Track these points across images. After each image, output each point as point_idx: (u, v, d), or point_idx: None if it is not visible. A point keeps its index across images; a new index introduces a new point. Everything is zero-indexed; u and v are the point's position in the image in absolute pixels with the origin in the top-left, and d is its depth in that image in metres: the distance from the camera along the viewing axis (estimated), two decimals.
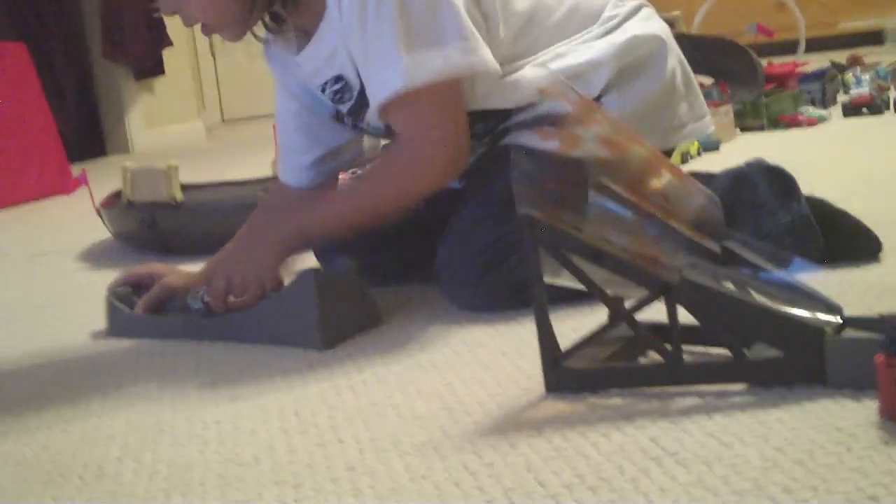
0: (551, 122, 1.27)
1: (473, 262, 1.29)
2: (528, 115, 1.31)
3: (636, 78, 1.37)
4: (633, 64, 1.36)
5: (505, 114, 1.35)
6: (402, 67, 1.23)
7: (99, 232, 2.23)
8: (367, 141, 1.52)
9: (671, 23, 3.15)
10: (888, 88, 2.77)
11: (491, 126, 1.37)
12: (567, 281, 0.98)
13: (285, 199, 1.51)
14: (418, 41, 1.24)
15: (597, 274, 0.96)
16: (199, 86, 5.45)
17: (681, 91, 1.42)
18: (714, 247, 0.99)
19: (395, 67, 1.24)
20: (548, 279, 0.98)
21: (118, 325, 1.43)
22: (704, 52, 2.76)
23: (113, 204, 2.12)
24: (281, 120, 1.50)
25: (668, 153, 1.46)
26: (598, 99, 1.34)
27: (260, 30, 1.39)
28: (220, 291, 1.33)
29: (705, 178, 1.32)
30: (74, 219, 2.67)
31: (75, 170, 3.33)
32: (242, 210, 1.91)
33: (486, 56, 1.27)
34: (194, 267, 1.54)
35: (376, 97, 1.27)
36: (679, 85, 1.42)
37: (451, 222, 1.34)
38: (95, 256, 2.09)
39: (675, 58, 1.42)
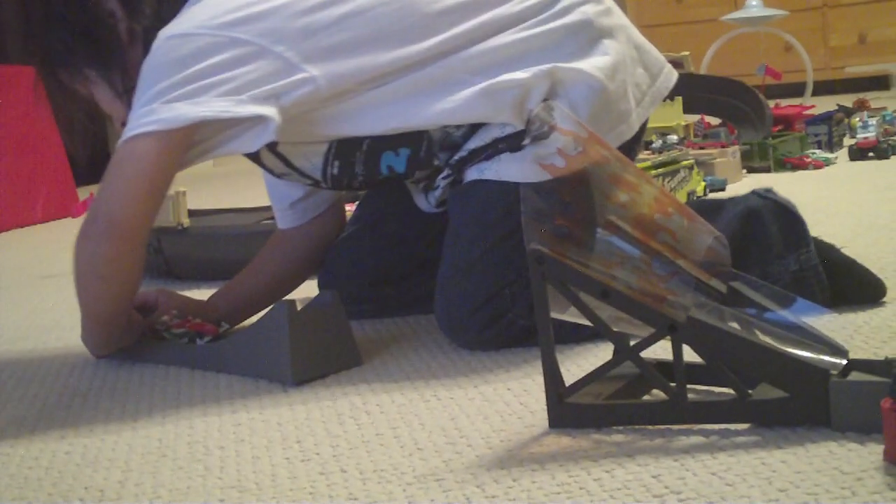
0: (510, 146, 1.27)
1: (473, 317, 1.27)
2: (483, 142, 1.29)
3: (578, 84, 1.27)
4: (566, 78, 1.27)
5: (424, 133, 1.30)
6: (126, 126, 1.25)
7: None
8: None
9: (679, 63, 3.17)
10: (894, 133, 2.78)
11: (423, 155, 1.32)
12: (573, 317, 0.99)
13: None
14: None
15: (603, 311, 0.97)
16: None
17: (633, 58, 1.33)
18: (721, 287, 0.99)
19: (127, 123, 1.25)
20: (553, 315, 0.98)
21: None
22: (712, 93, 2.78)
23: None
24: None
25: (642, 131, 1.38)
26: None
27: None
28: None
29: (713, 207, 1.31)
30: None
31: (82, 193, 3.34)
32: (247, 237, 1.93)
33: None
34: (199, 293, 1.54)
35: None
36: (630, 56, 1.32)
37: (440, 272, 1.31)
38: None
39: (612, 34, 1.32)
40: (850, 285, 1.30)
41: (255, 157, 1.38)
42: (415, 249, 1.48)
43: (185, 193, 2.01)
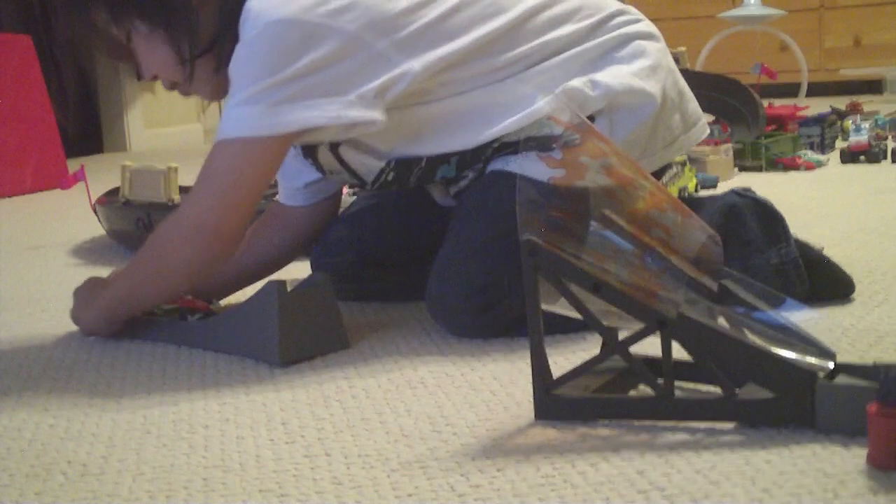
0: (540, 145, 1.28)
1: (467, 303, 1.27)
2: (516, 137, 1.30)
3: (627, 110, 1.32)
4: (622, 103, 1.32)
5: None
6: (224, 118, 1.24)
7: (93, 228, 2.22)
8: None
9: (675, 58, 3.17)
10: (886, 137, 2.79)
11: (468, 156, 1.34)
12: (563, 309, 0.99)
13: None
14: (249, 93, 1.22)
15: (594, 304, 0.97)
16: None
17: (674, 103, 1.38)
18: (712, 284, 0.99)
19: (225, 115, 1.24)
20: (544, 306, 0.98)
21: None
22: (707, 90, 2.77)
23: (109, 202, 2.12)
24: None
25: (664, 170, 1.45)
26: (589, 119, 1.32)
27: None
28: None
29: (693, 204, 1.32)
30: (69, 214, 2.66)
31: (71, 165, 3.32)
32: None
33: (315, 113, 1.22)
34: None
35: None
36: (672, 98, 1.37)
37: (441, 253, 1.32)
38: (88, 253, 2.09)
39: (667, 73, 1.37)
40: (822, 281, 1.33)
41: (310, 152, 1.38)
42: (416, 239, 1.48)
43: (177, 169, 2.00)
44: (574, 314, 0.98)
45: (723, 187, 2.35)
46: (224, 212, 1.26)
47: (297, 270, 1.55)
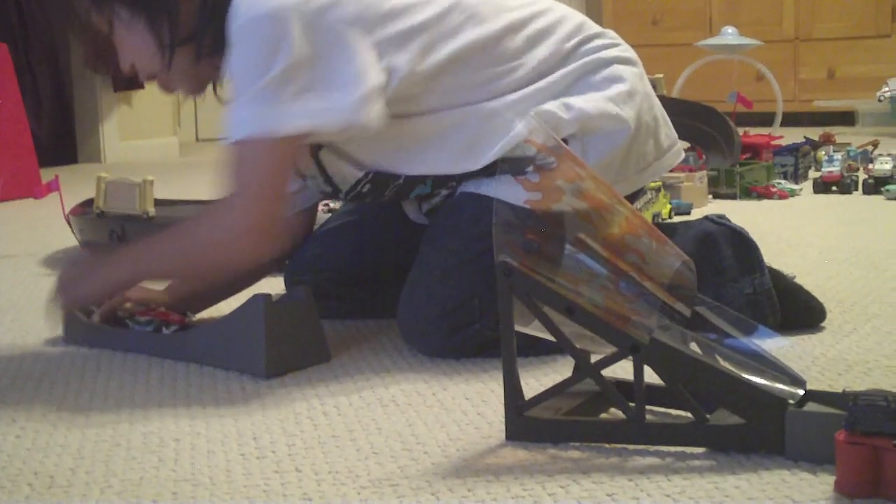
0: (514, 167, 1.28)
1: (437, 325, 1.27)
2: (489, 160, 1.30)
3: (600, 134, 1.32)
4: (596, 128, 1.32)
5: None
6: (233, 118, 1.24)
7: (66, 239, 2.21)
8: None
9: (652, 85, 3.19)
10: (858, 169, 2.82)
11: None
12: (537, 331, 0.99)
13: None
14: (260, 92, 1.22)
15: (568, 327, 0.97)
16: (177, 102, 5.43)
17: (649, 128, 1.38)
18: (685, 310, 1.00)
19: (234, 115, 1.24)
20: (517, 328, 0.98)
21: (73, 332, 1.42)
22: (683, 117, 2.79)
23: (83, 213, 2.11)
24: None
25: (637, 195, 1.45)
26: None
27: None
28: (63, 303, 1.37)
29: (667, 231, 1.33)
30: (42, 223, 2.64)
31: (44, 175, 3.30)
32: None
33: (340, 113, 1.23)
34: (159, 283, 1.53)
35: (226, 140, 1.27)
36: (647, 124, 1.37)
37: (411, 275, 1.32)
38: (60, 263, 2.07)
39: (643, 99, 1.37)
40: (793, 309, 1.34)
41: None
42: (391, 256, 1.48)
43: (152, 182, 1.99)
44: (547, 336, 0.99)
45: (696, 214, 2.37)
46: (265, 210, 1.26)
47: (270, 286, 1.55)
